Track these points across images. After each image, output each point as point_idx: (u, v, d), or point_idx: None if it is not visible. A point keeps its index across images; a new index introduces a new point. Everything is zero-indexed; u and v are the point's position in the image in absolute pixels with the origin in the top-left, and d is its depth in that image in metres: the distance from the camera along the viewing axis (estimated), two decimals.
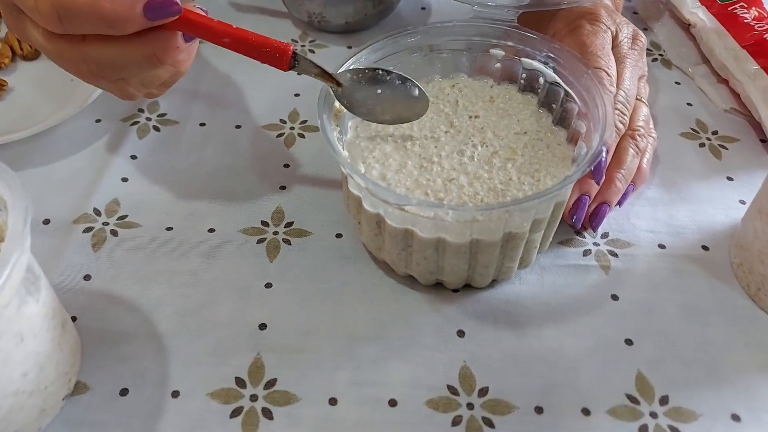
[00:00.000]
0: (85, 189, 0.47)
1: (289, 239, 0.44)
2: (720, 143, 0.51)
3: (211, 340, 0.39)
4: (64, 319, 0.36)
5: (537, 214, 0.37)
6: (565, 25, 0.46)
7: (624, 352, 0.38)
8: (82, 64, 0.33)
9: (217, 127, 0.53)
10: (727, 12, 0.55)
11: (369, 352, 0.38)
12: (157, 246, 0.44)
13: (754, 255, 0.40)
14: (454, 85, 0.46)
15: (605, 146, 0.36)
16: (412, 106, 0.41)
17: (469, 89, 0.45)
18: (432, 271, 0.39)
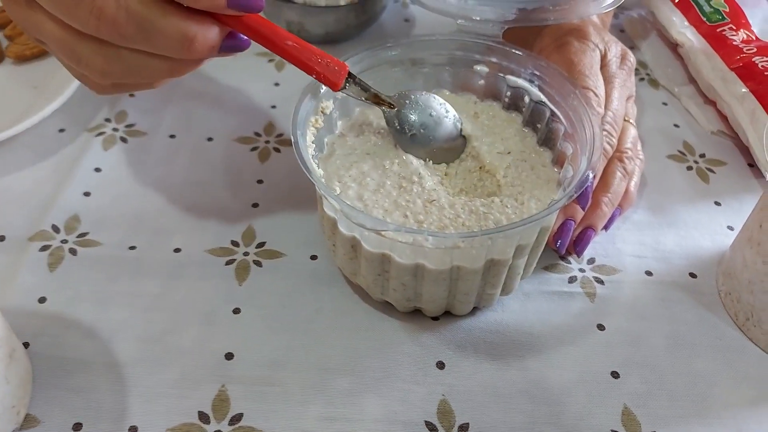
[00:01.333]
0: (43, 203, 0.45)
1: (260, 261, 0.42)
2: (707, 166, 0.50)
3: (174, 370, 0.36)
4: (13, 348, 0.34)
5: (521, 240, 0.36)
6: (552, 42, 0.45)
7: (610, 385, 0.36)
8: (105, 63, 0.30)
9: (187, 139, 0.50)
10: (715, 33, 0.54)
11: (342, 384, 0.36)
12: (118, 266, 0.41)
13: (743, 284, 0.38)
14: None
15: (592, 171, 0.34)
16: (453, 144, 0.40)
17: (451, 105, 0.43)
18: (410, 298, 0.37)
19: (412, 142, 0.39)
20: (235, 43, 0.31)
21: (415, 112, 0.39)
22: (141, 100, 0.53)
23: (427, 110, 0.39)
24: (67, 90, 0.49)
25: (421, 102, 0.39)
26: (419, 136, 0.39)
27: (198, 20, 0.29)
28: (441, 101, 0.40)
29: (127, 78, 0.31)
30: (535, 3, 0.41)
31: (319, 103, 0.39)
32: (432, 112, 0.39)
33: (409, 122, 0.39)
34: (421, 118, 0.39)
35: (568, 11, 0.42)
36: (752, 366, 0.38)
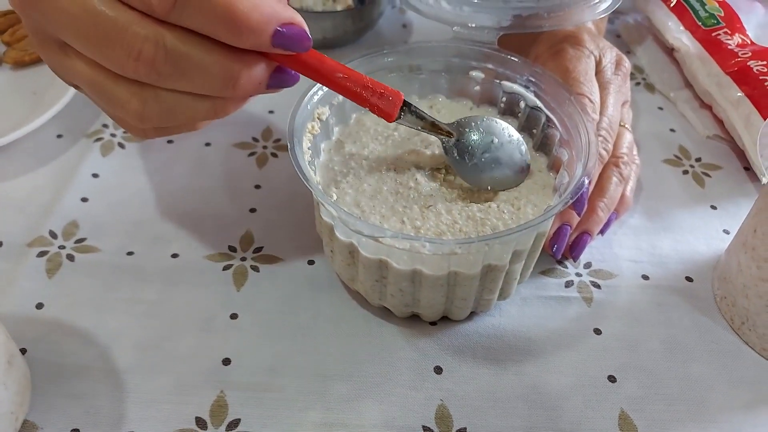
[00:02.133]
0: (41, 209, 0.45)
1: (257, 266, 0.42)
2: (703, 171, 0.50)
3: (172, 376, 0.36)
4: (12, 354, 0.34)
5: (517, 246, 0.36)
6: (548, 49, 0.45)
7: (607, 389, 0.37)
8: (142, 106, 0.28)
9: (185, 144, 0.50)
10: (710, 38, 0.55)
11: (340, 390, 0.36)
12: (116, 272, 0.41)
13: (738, 288, 0.39)
14: (431, 106, 0.44)
15: (588, 177, 0.35)
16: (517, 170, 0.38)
17: (447, 110, 0.44)
18: (407, 303, 0.38)
19: (474, 171, 0.38)
20: (284, 78, 0.29)
21: (475, 140, 0.38)
22: None
23: (488, 137, 0.38)
24: (65, 96, 0.50)
25: (483, 128, 0.38)
26: (480, 165, 0.38)
27: (242, 56, 0.27)
28: (504, 125, 0.39)
29: (168, 121, 0.29)
30: (530, 10, 0.42)
31: (315, 109, 0.39)
32: (494, 139, 0.38)
33: (469, 151, 0.38)
34: (483, 146, 0.38)
35: (562, 18, 0.42)
36: (748, 370, 0.38)
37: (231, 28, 0.26)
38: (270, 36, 0.26)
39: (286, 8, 0.27)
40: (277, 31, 0.26)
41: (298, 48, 0.28)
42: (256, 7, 0.26)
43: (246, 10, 0.25)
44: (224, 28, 0.26)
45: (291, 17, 0.27)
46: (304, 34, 0.28)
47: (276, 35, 0.26)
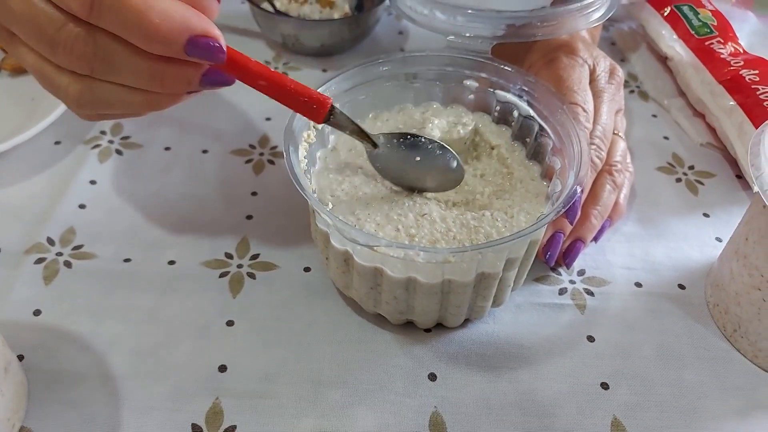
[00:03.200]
0: (39, 216, 0.45)
1: (254, 273, 0.42)
2: (696, 178, 0.50)
3: (168, 383, 0.36)
4: (8, 361, 0.34)
5: (511, 254, 0.36)
6: (542, 57, 0.46)
7: (599, 396, 0.37)
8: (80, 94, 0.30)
9: (182, 151, 0.51)
10: (704, 47, 0.55)
11: (335, 397, 0.36)
12: (113, 279, 0.41)
13: (731, 296, 0.39)
14: (424, 112, 0.44)
15: (580, 186, 0.35)
16: (448, 176, 0.39)
17: (440, 117, 0.44)
18: (402, 310, 0.38)
19: (394, 181, 0.39)
20: (217, 79, 0.31)
21: (395, 158, 0.38)
22: None
23: (412, 156, 0.38)
24: (63, 103, 0.50)
25: (405, 146, 0.38)
26: (400, 180, 0.39)
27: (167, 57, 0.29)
28: (430, 143, 0.38)
29: (104, 109, 0.31)
30: (523, 19, 0.42)
31: None
32: (418, 157, 0.38)
33: (390, 162, 0.38)
34: (403, 164, 0.38)
35: (556, 27, 0.42)
36: (740, 377, 0.38)
37: (142, 36, 0.27)
38: (182, 46, 0.28)
39: (200, 20, 0.28)
40: (188, 42, 0.28)
41: (212, 59, 0.29)
42: (167, 19, 0.27)
43: (157, 20, 0.27)
44: (137, 35, 0.27)
45: (204, 29, 0.28)
46: (217, 46, 0.28)
47: (188, 46, 0.28)
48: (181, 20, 0.27)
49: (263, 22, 0.59)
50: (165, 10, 0.27)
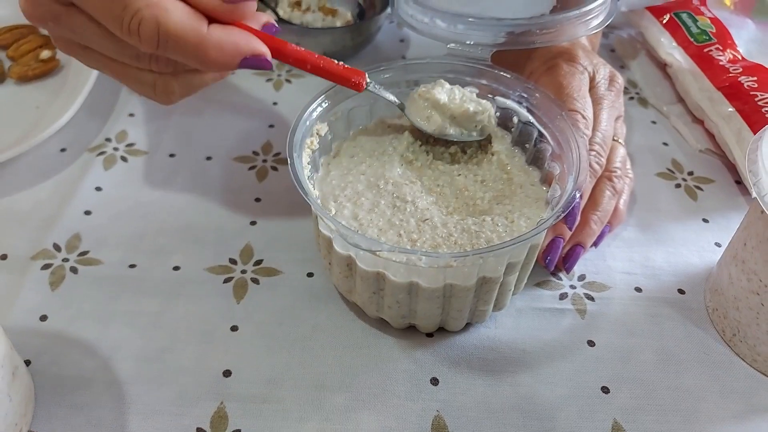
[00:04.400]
0: (45, 222, 0.46)
1: (257, 278, 0.43)
2: (696, 184, 0.51)
3: (173, 387, 0.37)
4: (16, 366, 0.34)
5: (511, 258, 0.37)
6: (542, 64, 0.46)
7: (600, 400, 0.37)
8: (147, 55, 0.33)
9: (187, 158, 0.51)
10: (702, 53, 0.56)
11: (338, 401, 0.36)
12: (118, 284, 0.42)
13: (729, 301, 0.39)
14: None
15: (579, 191, 0.35)
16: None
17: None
18: (404, 315, 0.38)
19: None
20: (257, 64, 0.34)
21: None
22: (141, 120, 0.54)
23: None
24: (68, 110, 0.51)
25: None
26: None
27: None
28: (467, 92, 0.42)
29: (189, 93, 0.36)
30: (523, 27, 0.43)
31: (314, 125, 0.40)
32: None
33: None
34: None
35: (555, 34, 0.43)
36: (739, 381, 0.38)
37: (203, 66, 0.33)
38: (236, 65, 0.33)
39: (249, 42, 0.33)
40: (242, 61, 0.33)
41: (261, 68, 0.34)
42: (221, 51, 0.32)
43: (214, 54, 0.32)
44: (198, 65, 0.33)
45: (253, 50, 0.33)
46: (264, 61, 0.34)
47: (241, 64, 0.33)
48: (234, 49, 0.32)
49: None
50: (218, 44, 0.32)
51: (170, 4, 0.31)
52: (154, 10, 0.30)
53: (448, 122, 0.41)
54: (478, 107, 0.41)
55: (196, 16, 0.32)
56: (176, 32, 0.31)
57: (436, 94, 0.41)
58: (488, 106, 0.42)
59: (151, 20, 0.30)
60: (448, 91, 0.41)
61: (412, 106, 0.42)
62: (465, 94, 0.42)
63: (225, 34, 0.32)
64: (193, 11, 0.32)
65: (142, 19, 0.30)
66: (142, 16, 0.30)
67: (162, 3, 0.31)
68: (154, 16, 0.30)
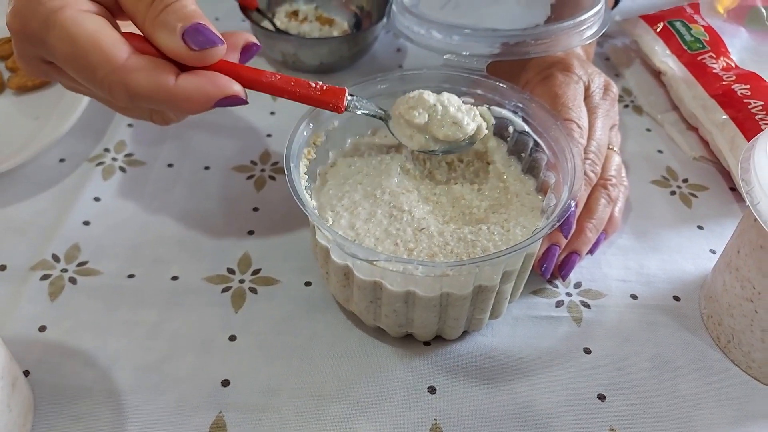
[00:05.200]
0: (44, 233, 0.46)
1: (255, 288, 0.43)
2: (690, 191, 0.51)
3: (171, 397, 0.37)
4: (15, 377, 0.35)
5: (507, 267, 0.37)
6: (537, 74, 0.47)
7: (596, 407, 0.37)
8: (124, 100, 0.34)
9: (185, 168, 0.51)
10: (696, 62, 0.56)
11: (336, 410, 0.37)
12: (117, 295, 0.42)
13: (724, 308, 0.40)
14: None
15: (574, 200, 0.36)
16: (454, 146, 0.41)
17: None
18: (401, 323, 0.39)
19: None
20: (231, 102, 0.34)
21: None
22: (140, 131, 0.55)
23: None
24: (68, 121, 0.51)
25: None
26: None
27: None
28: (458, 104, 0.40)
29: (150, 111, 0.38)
30: (518, 38, 0.43)
31: (311, 135, 0.41)
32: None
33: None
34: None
35: (549, 45, 0.43)
36: (734, 387, 0.39)
37: (177, 112, 0.36)
38: (210, 108, 0.34)
39: (218, 86, 0.33)
40: (215, 104, 0.33)
41: (236, 105, 0.34)
42: (192, 100, 0.33)
43: (185, 105, 0.33)
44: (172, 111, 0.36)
45: (223, 93, 0.33)
46: (238, 99, 0.34)
47: (216, 106, 0.34)
48: (203, 97, 0.33)
49: (263, 41, 0.61)
50: (187, 95, 0.32)
51: (135, 65, 0.32)
52: (119, 75, 0.32)
53: (431, 141, 0.40)
54: (458, 132, 0.39)
55: (163, 70, 0.32)
56: (144, 92, 0.32)
57: (415, 117, 0.39)
58: (472, 118, 0.40)
59: (118, 85, 0.32)
60: (429, 108, 0.39)
61: (395, 122, 0.41)
62: (449, 109, 0.39)
63: (193, 84, 0.33)
64: (160, 64, 0.32)
65: (111, 83, 0.32)
66: (110, 82, 0.32)
67: (127, 66, 0.32)
68: (121, 81, 0.32)
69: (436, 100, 0.39)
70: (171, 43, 0.32)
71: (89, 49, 0.31)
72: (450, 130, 0.39)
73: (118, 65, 0.31)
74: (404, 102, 0.40)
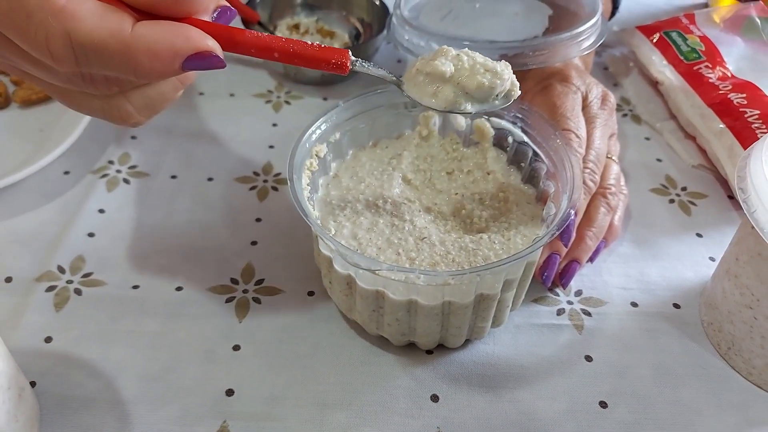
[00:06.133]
0: (49, 244, 0.46)
1: (259, 297, 0.43)
2: (689, 199, 0.52)
3: (176, 407, 0.37)
4: (22, 387, 0.35)
5: (508, 275, 0.37)
6: (536, 85, 0.47)
7: (598, 415, 0.38)
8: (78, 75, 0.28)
9: (188, 179, 0.52)
10: (693, 71, 0.57)
11: (340, 419, 0.37)
12: (122, 305, 0.42)
13: (723, 315, 0.40)
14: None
15: (573, 209, 0.36)
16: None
17: (437, 143, 0.45)
18: (404, 332, 0.39)
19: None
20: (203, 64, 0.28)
21: None
22: (143, 143, 0.55)
23: None
24: (72, 134, 0.51)
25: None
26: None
27: None
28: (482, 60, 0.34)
29: (151, 112, 0.31)
30: (516, 49, 0.44)
31: (314, 147, 0.41)
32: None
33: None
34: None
35: (547, 56, 0.44)
36: (735, 394, 0.39)
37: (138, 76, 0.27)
38: (177, 69, 0.27)
39: (188, 37, 0.27)
40: (183, 65, 0.27)
41: (212, 68, 0.28)
42: (154, 56, 0.26)
43: (146, 61, 0.26)
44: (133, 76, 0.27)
45: (195, 47, 0.27)
46: (214, 58, 0.27)
47: (185, 67, 0.27)
48: (169, 50, 0.26)
49: None
50: (148, 47, 0.26)
51: (80, 7, 0.25)
52: (61, 17, 0.25)
53: (462, 96, 0.34)
54: (494, 78, 0.34)
55: (116, 15, 0.26)
56: (92, 42, 0.25)
57: (440, 65, 0.33)
58: (505, 67, 0.34)
59: (58, 31, 0.25)
60: (453, 58, 0.34)
61: (411, 83, 0.35)
62: (475, 59, 0.34)
63: (155, 33, 0.26)
64: (113, 8, 0.26)
65: (49, 32, 0.25)
66: (48, 27, 0.25)
67: (70, 8, 0.25)
68: (62, 25, 0.25)
69: (459, 52, 0.34)
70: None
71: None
72: (485, 77, 0.33)
73: (57, 6, 0.25)
74: (421, 59, 0.34)
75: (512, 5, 0.50)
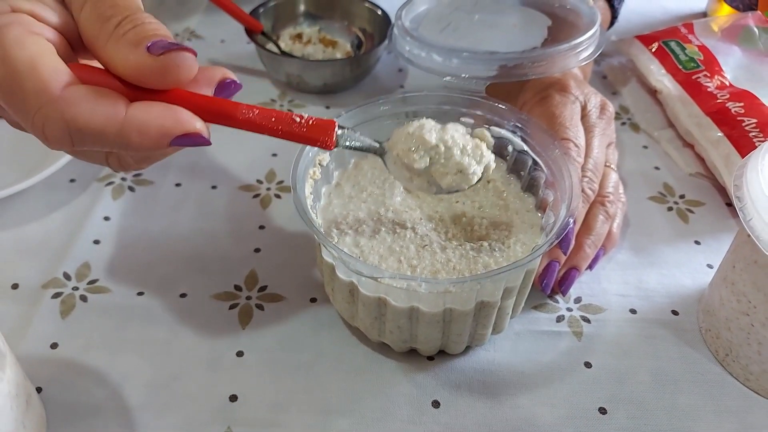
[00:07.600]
0: (56, 252, 0.47)
1: (262, 304, 0.44)
2: (687, 207, 0.52)
3: (181, 413, 0.38)
4: (29, 395, 0.35)
5: (508, 283, 0.38)
6: (534, 95, 0.48)
7: (597, 421, 0.38)
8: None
9: (192, 187, 0.53)
10: (691, 80, 0.57)
11: (342, 426, 0.37)
12: (127, 313, 0.43)
13: (721, 321, 0.40)
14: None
15: (572, 217, 0.37)
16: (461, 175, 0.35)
17: None
18: (406, 339, 0.39)
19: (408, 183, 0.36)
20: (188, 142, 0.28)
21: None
22: None
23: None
24: None
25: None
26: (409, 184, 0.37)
27: None
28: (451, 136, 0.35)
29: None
30: (516, 60, 0.44)
31: (316, 156, 0.42)
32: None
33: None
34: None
35: (546, 66, 0.45)
36: (733, 400, 0.39)
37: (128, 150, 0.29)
38: (166, 146, 0.28)
39: (177, 120, 0.27)
40: (173, 141, 0.28)
41: (198, 145, 0.29)
42: (145, 136, 0.27)
43: (137, 140, 0.27)
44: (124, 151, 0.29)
45: (183, 129, 0.28)
46: (200, 138, 0.28)
47: (173, 143, 0.28)
48: (158, 132, 0.27)
49: (268, 62, 0.62)
50: (140, 128, 0.27)
51: (76, 95, 0.26)
52: (57, 106, 0.26)
53: (435, 185, 0.36)
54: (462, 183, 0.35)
55: (110, 98, 0.27)
56: (89, 128, 0.26)
57: (414, 162, 0.35)
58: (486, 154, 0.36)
59: (56, 119, 0.26)
60: (431, 149, 0.35)
61: (391, 161, 0.36)
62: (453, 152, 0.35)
63: (148, 114, 0.27)
64: (107, 92, 0.27)
65: (46, 118, 0.26)
66: (45, 114, 0.26)
67: (66, 97, 0.26)
68: (59, 114, 0.26)
69: (438, 140, 0.35)
70: (132, 57, 0.26)
71: (24, 72, 0.26)
72: (454, 180, 0.35)
73: (54, 95, 0.26)
74: (403, 139, 0.35)
75: (511, 17, 0.51)
